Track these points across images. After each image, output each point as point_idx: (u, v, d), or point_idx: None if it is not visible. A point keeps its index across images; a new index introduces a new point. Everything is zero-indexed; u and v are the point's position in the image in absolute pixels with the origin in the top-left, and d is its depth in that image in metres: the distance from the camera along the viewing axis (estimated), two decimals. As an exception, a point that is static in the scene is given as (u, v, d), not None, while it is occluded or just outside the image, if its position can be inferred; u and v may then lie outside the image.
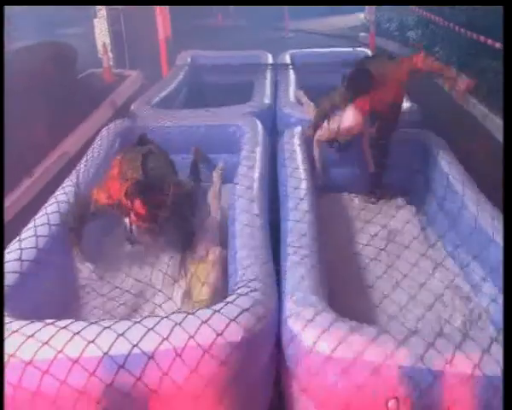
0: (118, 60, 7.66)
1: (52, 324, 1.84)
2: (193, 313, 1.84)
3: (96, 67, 6.98)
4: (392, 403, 1.72)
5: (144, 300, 2.59)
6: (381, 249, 2.99)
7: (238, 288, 2.02)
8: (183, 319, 1.80)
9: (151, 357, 1.70)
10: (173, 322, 1.79)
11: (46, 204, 2.81)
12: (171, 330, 1.75)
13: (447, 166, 3.29)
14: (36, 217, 2.68)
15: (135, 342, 1.72)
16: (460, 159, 3.43)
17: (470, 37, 4.95)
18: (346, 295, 2.54)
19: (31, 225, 2.60)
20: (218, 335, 1.74)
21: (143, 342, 1.73)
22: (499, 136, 4.65)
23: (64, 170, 3.73)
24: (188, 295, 2.37)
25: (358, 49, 6.27)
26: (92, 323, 1.85)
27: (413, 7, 8.06)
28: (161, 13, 7.34)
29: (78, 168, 3.22)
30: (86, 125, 4.87)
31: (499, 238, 2.42)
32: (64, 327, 1.81)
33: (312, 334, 1.81)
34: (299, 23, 9.93)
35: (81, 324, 1.84)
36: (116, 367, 1.69)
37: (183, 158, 3.57)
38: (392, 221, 3.29)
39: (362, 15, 9.76)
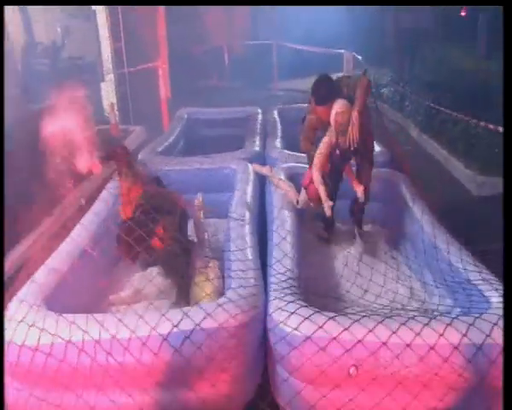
0: (123, 117, 8.34)
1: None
2: (200, 306, 2.31)
3: (103, 124, 7.62)
4: (352, 370, 2.16)
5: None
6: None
7: (235, 288, 2.49)
8: (191, 309, 2.27)
9: (165, 339, 2.16)
10: (182, 312, 2.25)
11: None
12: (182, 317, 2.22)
13: (410, 200, 3.81)
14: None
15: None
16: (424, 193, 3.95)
17: (428, 105, 5.66)
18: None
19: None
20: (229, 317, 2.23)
21: (160, 327, 2.19)
22: (457, 175, 5.29)
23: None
24: (193, 299, 2.81)
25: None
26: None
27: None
28: (163, 75, 8.13)
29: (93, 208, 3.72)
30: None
31: (445, 251, 2.97)
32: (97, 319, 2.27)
33: (290, 323, 2.25)
34: (286, 83, 10.77)
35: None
36: (140, 346, 2.15)
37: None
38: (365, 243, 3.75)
39: (341, 74, 10.57)
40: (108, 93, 8.43)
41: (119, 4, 7.97)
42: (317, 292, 2.97)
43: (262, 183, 4.30)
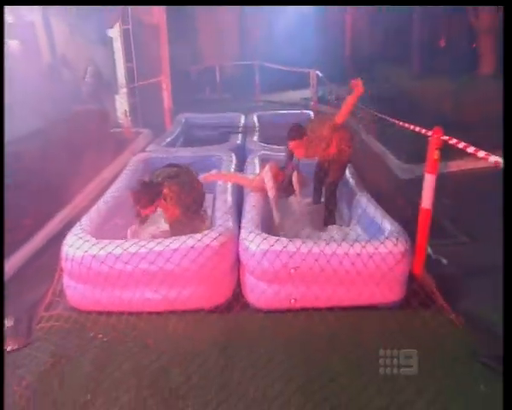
0: (134, 122, 9.06)
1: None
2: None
3: (117, 127, 8.36)
4: (292, 271, 2.95)
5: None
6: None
7: (220, 225, 3.28)
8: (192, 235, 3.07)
9: (176, 250, 2.93)
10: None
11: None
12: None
13: (350, 179, 4.58)
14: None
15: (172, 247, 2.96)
16: (364, 177, 4.74)
17: (373, 113, 6.48)
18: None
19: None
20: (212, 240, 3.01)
21: (172, 245, 2.97)
22: (391, 164, 6.15)
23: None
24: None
25: (304, 111, 7.91)
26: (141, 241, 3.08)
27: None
28: (166, 88, 8.88)
29: (118, 179, 4.49)
30: (117, 162, 6.18)
31: (371, 210, 3.70)
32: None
33: (254, 244, 3.04)
34: (266, 95, 11.62)
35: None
36: (155, 257, 2.92)
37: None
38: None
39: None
40: (122, 103, 9.14)
41: (119, 4, 8.39)
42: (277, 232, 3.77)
43: (241, 167, 5.08)
